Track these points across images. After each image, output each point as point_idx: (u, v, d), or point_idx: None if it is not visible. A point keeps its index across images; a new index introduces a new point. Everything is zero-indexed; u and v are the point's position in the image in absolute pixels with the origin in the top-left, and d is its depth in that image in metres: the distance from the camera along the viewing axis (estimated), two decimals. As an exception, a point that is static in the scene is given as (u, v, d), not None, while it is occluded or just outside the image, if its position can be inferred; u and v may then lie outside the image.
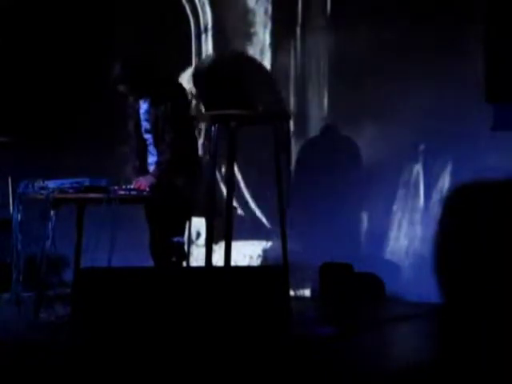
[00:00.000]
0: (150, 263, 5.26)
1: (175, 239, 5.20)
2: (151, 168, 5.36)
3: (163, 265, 5.18)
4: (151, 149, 5.37)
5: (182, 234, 5.34)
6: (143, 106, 5.33)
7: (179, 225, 5.33)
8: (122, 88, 5.24)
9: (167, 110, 5.21)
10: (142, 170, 5.37)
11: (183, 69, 6.82)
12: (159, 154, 5.27)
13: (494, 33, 5.48)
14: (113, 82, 5.23)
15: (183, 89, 5.44)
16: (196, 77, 6.14)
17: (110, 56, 6.23)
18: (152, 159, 5.37)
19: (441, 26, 5.81)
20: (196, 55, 7.00)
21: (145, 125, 5.35)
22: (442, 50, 5.80)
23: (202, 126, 5.88)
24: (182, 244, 5.32)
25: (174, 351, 3.50)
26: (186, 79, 6.61)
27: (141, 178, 5.20)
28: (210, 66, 6.26)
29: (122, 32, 7.02)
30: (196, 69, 6.54)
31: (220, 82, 5.10)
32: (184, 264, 5.43)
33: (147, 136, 5.36)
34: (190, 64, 6.93)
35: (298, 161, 6.43)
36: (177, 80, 6.11)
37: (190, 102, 5.43)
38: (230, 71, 5.83)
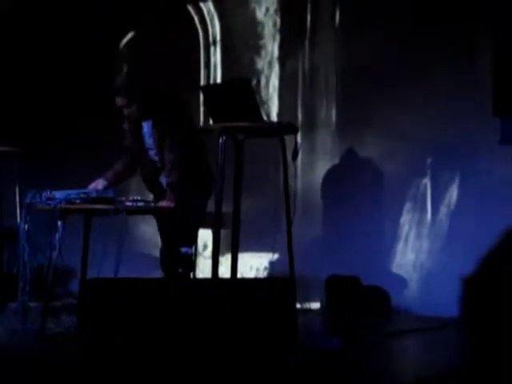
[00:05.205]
0: (157, 274, 5.26)
1: (182, 250, 5.18)
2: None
3: (172, 275, 5.16)
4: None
5: (192, 245, 5.31)
6: (145, 126, 5.21)
7: (190, 235, 5.29)
8: (119, 101, 5.11)
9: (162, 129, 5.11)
10: (155, 189, 5.32)
11: (191, 81, 6.84)
12: (166, 177, 5.16)
13: (501, 46, 5.48)
14: (114, 94, 5.11)
15: (178, 103, 5.25)
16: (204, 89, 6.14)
17: (116, 65, 6.25)
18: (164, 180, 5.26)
19: (450, 40, 5.82)
20: (204, 67, 7.03)
21: (151, 147, 5.22)
22: (451, 64, 5.81)
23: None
24: (190, 255, 5.30)
25: (180, 362, 3.50)
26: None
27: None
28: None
29: (130, 41, 7.05)
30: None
31: (229, 94, 5.07)
32: (191, 275, 5.41)
33: (156, 158, 5.24)
34: (198, 76, 6.95)
35: (305, 173, 6.43)
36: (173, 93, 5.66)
37: (188, 114, 5.30)
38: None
